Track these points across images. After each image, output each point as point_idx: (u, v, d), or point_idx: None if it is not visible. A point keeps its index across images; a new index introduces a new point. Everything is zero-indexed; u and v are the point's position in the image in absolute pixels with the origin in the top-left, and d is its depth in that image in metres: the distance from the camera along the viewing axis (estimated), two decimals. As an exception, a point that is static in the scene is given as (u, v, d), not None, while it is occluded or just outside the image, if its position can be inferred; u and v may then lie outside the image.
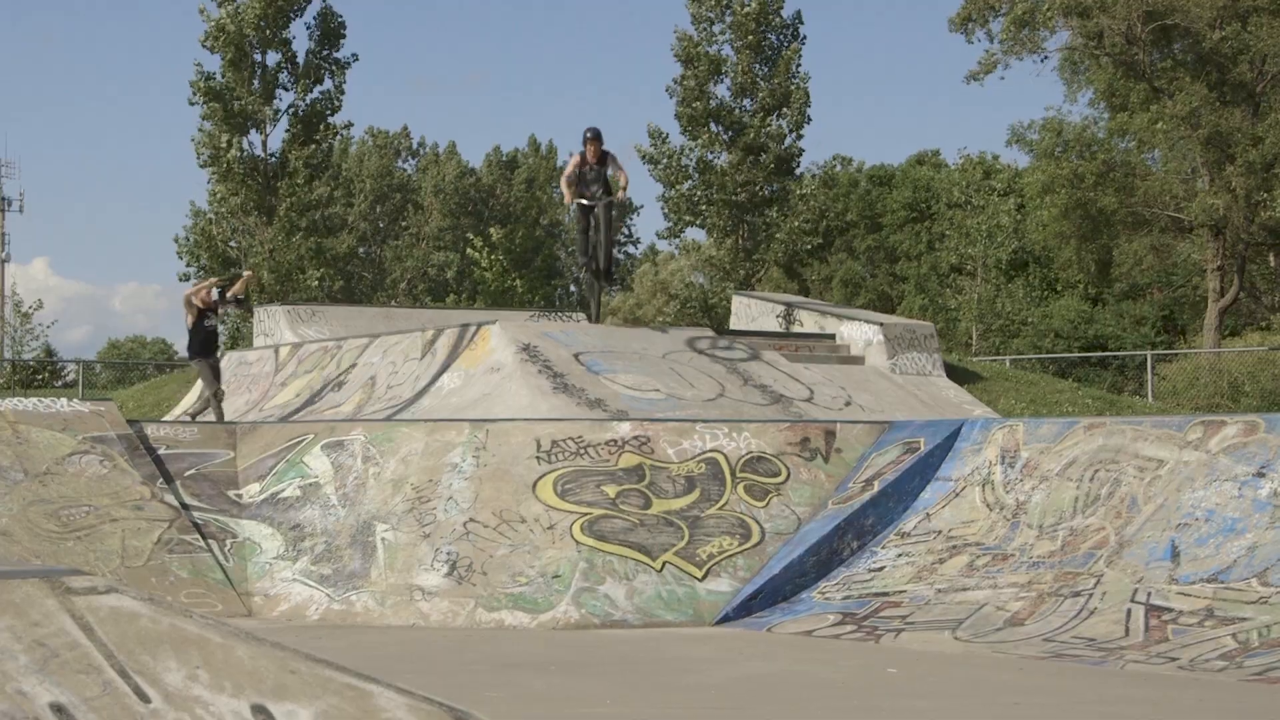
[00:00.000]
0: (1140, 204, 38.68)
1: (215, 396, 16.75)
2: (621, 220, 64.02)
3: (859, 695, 7.92)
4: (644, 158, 42.62)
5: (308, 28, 42.33)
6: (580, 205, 17.79)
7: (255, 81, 41.02)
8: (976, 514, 11.59)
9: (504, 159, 75.64)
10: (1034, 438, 11.89)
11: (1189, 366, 32.12)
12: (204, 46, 40.91)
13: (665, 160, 42.39)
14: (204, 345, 16.90)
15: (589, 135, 17.74)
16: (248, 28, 40.18)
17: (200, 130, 41.03)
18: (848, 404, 19.95)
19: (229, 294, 17.32)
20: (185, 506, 12.68)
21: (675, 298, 19.74)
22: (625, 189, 18.03)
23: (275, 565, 12.21)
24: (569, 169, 17.92)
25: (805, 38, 43.01)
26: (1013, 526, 11.20)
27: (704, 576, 11.46)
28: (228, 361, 26.09)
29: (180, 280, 44.83)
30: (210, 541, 12.37)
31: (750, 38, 42.18)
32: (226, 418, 16.69)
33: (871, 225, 59.80)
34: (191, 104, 40.81)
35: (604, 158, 17.67)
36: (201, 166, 41.42)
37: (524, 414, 15.67)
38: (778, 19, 42.95)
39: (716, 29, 42.71)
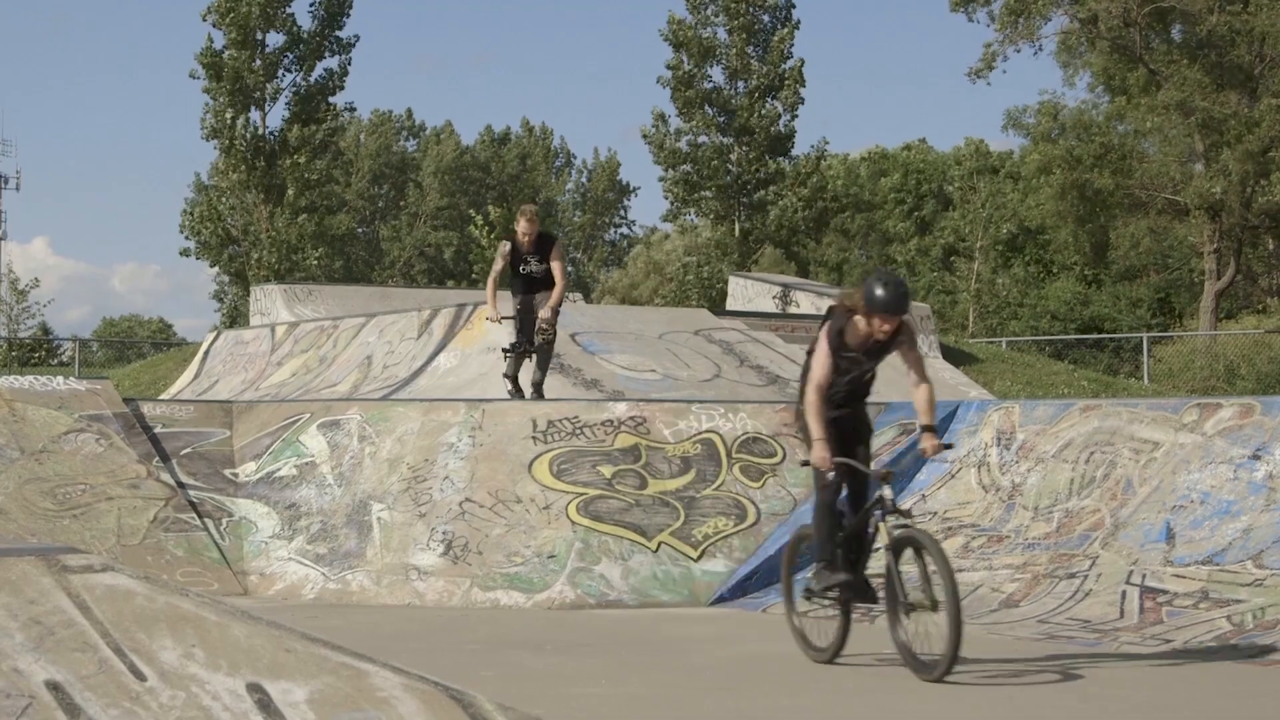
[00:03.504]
0: (1137, 186, 38.64)
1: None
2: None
3: (853, 676, 7.94)
4: (646, 139, 42.64)
5: (311, 5, 42.40)
6: None
7: (257, 60, 41.04)
8: (972, 495, 11.60)
9: (496, 138, 75.52)
10: (1030, 419, 11.89)
11: (1185, 349, 32.18)
12: (211, 24, 40.91)
13: (660, 144, 42.37)
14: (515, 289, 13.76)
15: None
16: (254, 5, 40.25)
17: (207, 105, 41.15)
18: (844, 385, 19.96)
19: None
20: (181, 485, 12.67)
21: (671, 279, 19.68)
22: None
23: (271, 544, 12.21)
24: None
25: (799, 22, 42.96)
26: (1008, 508, 11.21)
27: (699, 557, 11.47)
28: (223, 341, 26.04)
29: (181, 255, 45.01)
30: (206, 520, 12.36)
31: (741, 19, 42.09)
32: (232, 396, 16.15)
33: (861, 206, 59.66)
34: (194, 77, 40.85)
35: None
36: (205, 139, 41.58)
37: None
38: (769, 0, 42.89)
39: (709, 11, 42.62)
